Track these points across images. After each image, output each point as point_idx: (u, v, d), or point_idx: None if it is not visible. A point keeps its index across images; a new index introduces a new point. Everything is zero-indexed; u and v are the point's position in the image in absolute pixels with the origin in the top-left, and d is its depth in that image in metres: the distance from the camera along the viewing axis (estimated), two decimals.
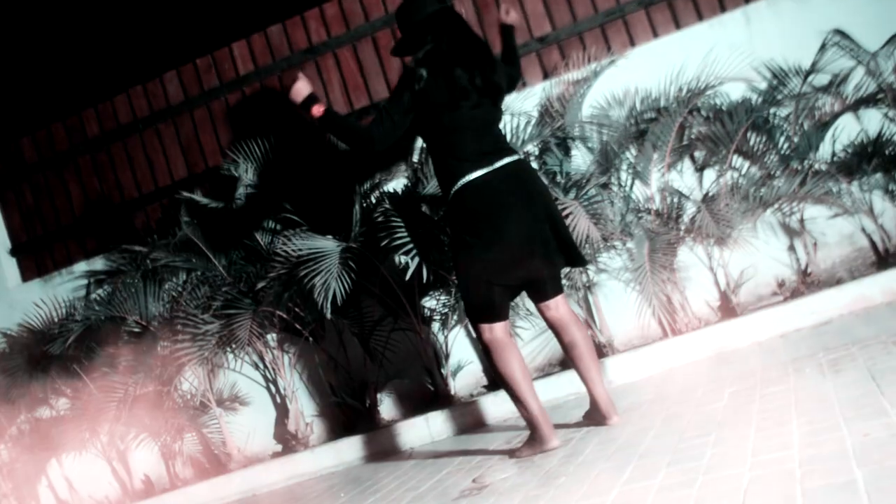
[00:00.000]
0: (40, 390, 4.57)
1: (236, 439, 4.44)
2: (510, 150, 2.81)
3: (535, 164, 4.02)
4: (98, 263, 4.79)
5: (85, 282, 4.77)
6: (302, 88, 2.82)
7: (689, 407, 2.72)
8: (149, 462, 4.61)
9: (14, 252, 5.05)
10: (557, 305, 2.85)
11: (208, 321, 4.12)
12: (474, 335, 2.88)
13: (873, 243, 3.84)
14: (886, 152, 3.74)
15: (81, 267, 4.84)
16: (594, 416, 2.91)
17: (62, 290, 4.80)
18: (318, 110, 2.77)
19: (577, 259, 2.85)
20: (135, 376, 4.29)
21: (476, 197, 2.72)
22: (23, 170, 5.00)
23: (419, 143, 4.04)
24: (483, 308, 2.77)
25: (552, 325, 2.88)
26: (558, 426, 3.03)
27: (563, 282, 3.25)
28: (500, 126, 2.90)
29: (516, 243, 2.71)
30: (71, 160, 4.93)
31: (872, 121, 3.84)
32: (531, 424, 2.77)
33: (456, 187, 2.74)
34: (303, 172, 4.15)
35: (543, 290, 2.84)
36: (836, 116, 3.83)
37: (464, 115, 2.76)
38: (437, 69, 2.76)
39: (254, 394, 4.50)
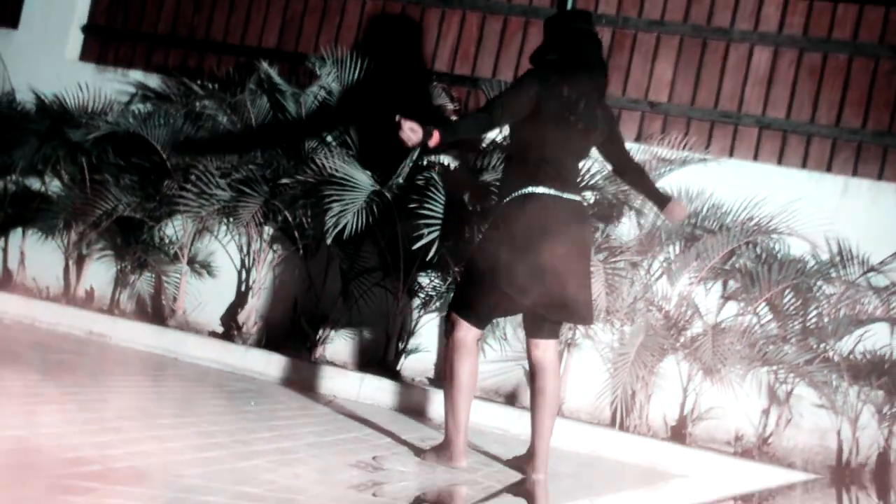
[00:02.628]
0: (42, 163, 4.59)
1: (187, 301, 4.45)
2: (580, 191, 2.85)
3: None
4: (153, 81, 4.78)
5: (133, 91, 4.77)
6: (412, 136, 2.63)
7: (602, 498, 2.71)
8: (100, 279, 4.64)
9: (86, 30, 5.05)
10: (547, 348, 2.84)
11: (221, 187, 4.12)
12: (447, 327, 2.86)
13: (840, 450, 3.81)
14: None
15: (137, 76, 4.84)
16: (521, 463, 2.90)
17: (110, 86, 4.79)
18: (435, 140, 2.65)
19: (587, 317, 2.85)
20: (130, 198, 4.30)
21: (535, 209, 2.72)
22: None
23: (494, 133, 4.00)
24: (473, 306, 2.76)
25: (532, 364, 2.86)
26: (478, 452, 3.03)
27: None
28: (581, 164, 2.90)
29: (545, 269, 2.69)
30: None
31: None
32: (449, 435, 2.77)
33: (521, 192, 2.74)
34: (379, 107, 4.11)
35: (542, 327, 2.83)
36: (873, 320, 3.78)
37: (562, 133, 2.77)
38: (557, 81, 2.76)
39: (224, 271, 4.51)
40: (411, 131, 2.61)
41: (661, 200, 3.03)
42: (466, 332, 2.76)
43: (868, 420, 3.78)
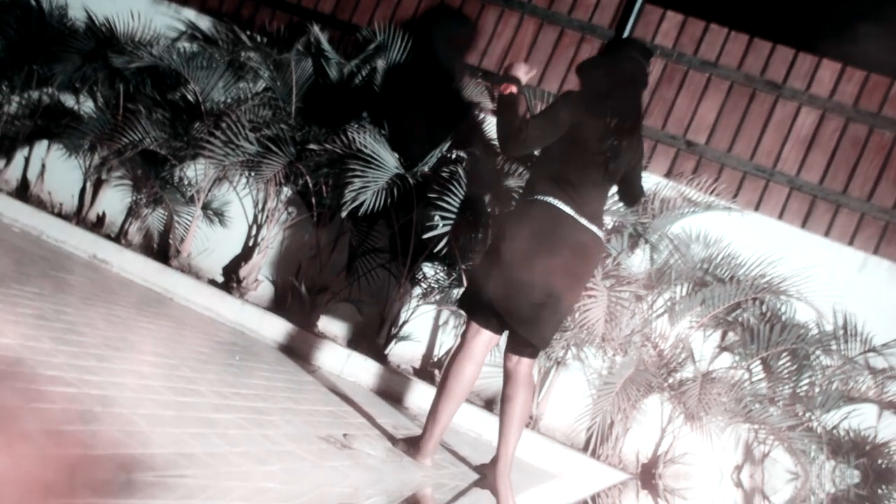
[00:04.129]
0: (80, 81, 4.62)
1: (194, 245, 4.47)
2: (600, 224, 2.80)
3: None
4: (204, 22, 4.79)
5: (182, 29, 4.78)
6: (520, 70, 2.87)
7: None
8: (114, 206, 4.67)
9: None
10: (520, 362, 2.81)
11: (250, 140, 4.13)
12: (464, 327, 2.84)
13: None
14: (879, 461, 3.68)
15: (189, 15, 4.85)
16: (486, 470, 2.90)
17: (160, 20, 4.81)
18: (505, 87, 2.80)
19: (542, 341, 2.76)
20: (158, 133, 4.32)
21: (545, 220, 2.68)
22: None
23: None
24: (476, 306, 2.75)
25: (505, 373, 2.85)
26: (448, 451, 3.03)
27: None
28: (602, 195, 2.86)
29: (528, 282, 2.66)
30: None
31: (890, 428, 3.76)
32: (426, 430, 2.77)
33: (538, 198, 2.72)
34: (419, 92, 4.11)
35: (519, 343, 2.81)
36: (863, 400, 3.76)
37: (586, 160, 2.74)
38: (590, 110, 2.74)
39: (236, 223, 4.53)
40: (522, 71, 2.84)
41: None
42: (476, 334, 2.74)
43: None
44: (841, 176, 4.07)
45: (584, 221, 2.71)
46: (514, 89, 2.81)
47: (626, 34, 4.23)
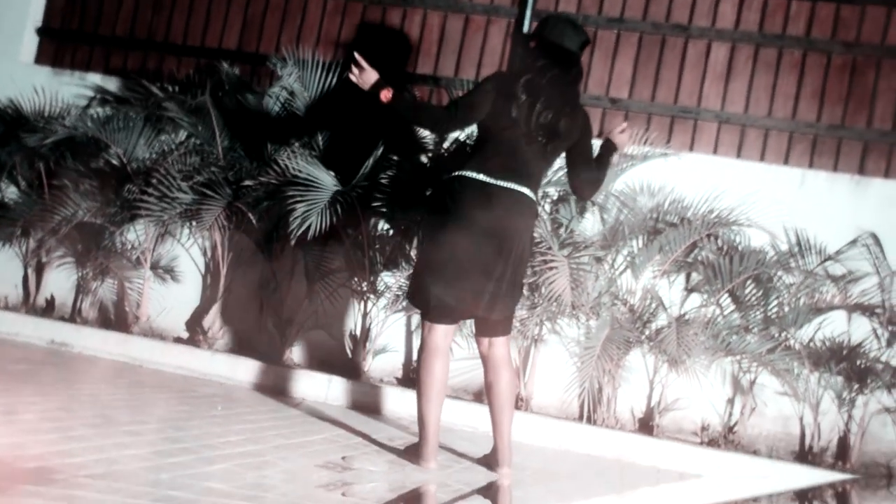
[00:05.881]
0: None
1: (151, 307, 4.39)
2: (526, 184, 2.75)
3: (546, 208, 4.01)
4: (111, 84, 4.71)
5: (91, 94, 4.69)
6: (369, 76, 2.83)
7: (569, 495, 2.73)
8: (61, 287, 4.56)
9: (41, 32, 4.95)
10: (494, 344, 2.81)
11: (183, 190, 4.07)
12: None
13: (803, 435, 3.89)
14: (857, 362, 3.79)
15: (95, 79, 4.76)
16: (488, 460, 2.92)
17: (66, 90, 4.71)
18: (386, 95, 2.78)
19: (504, 309, 2.77)
20: (90, 203, 4.23)
21: (458, 194, 2.68)
22: None
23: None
24: (428, 305, 2.74)
25: (483, 360, 2.86)
26: (447, 450, 3.03)
27: (517, 327, 3.25)
28: (542, 167, 2.87)
29: (466, 264, 2.66)
30: None
31: (861, 329, 3.88)
32: (421, 436, 2.77)
33: (451, 175, 2.74)
34: (341, 107, 4.11)
35: (485, 323, 2.81)
36: (831, 308, 3.86)
37: (515, 136, 2.75)
38: (525, 91, 2.74)
39: (188, 275, 4.46)
40: (362, 75, 2.80)
41: (607, 146, 3.05)
42: (430, 331, 2.73)
43: (829, 406, 3.86)
44: (763, 101, 4.18)
45: (501, 183, 2.69)
46: (388, 92, 2.78)
47: (527, 9, 4.27)
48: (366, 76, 2.83)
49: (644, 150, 4.08)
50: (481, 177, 2.69)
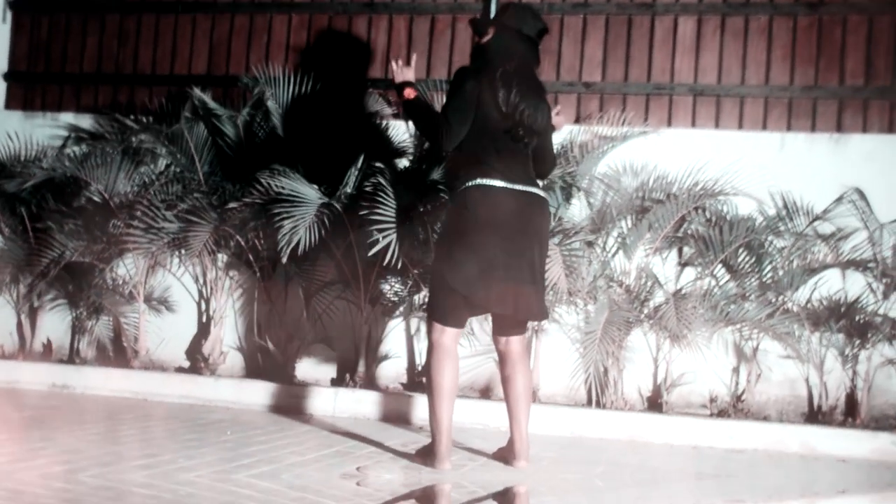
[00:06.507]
0: None
1: (149, 340, 4.37)
2: (537, 184, 2.83)
3: None
4: (85, 122, 4.69)
5: (66, 134, 4.67)
6: (407, 73, 2.96)
7: (585, 481, 2.74)
8: (56, 329, 4.53)
9: (8, 77, 4.93)
10: (509, 342, 2.86)
11: (168, 219, 4.05)
12: (426, 329, 2.87)
13: (811, 396, 3.91)
14: (856, 318, 3.81)
15: (68, 118, 4.74)
16: (505, 454, 2.92)
17: (40, 132, 4.69)
18: (409, 93, 2.88)
19: (539, 313, 2.86)
20: (76, 242, 4.21)
21: (482, 202, 2.71)
22: (48, 4, 4.89)
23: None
24: (441, 307, 2.76)
25: (499, 354, 2.90)
26: (460, 449, 3.03)
27: None
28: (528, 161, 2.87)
29: (495, 266, 2.70)
30: (99, 13, 4.82)
31: (856, 285, 3.90)
32: (434, 438, 2.77)
33: (468, 185, 2.73)
34: (317, 119, 4.11)
35: (505, 324, 2.85)
36: (825, 267, 3.89)
37: (498, 131, 2.76)
38: (493, 83, 2.74)
39: (183, 304, 4.44)
40: (409, 73, 2.94)
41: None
42: (442, 333, 2.75)
43: (833, 364, 3.88)
44: (735, 70, 4.20)
45: (518, 187, 2.74)
46: (412, 92, 2.88)
47: (491, 3, 4.28)
48: (405, 72, 2.96)
49: (623, 131, 4.09)
50: (502, 183, 2.71)
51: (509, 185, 2.72)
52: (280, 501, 2.22)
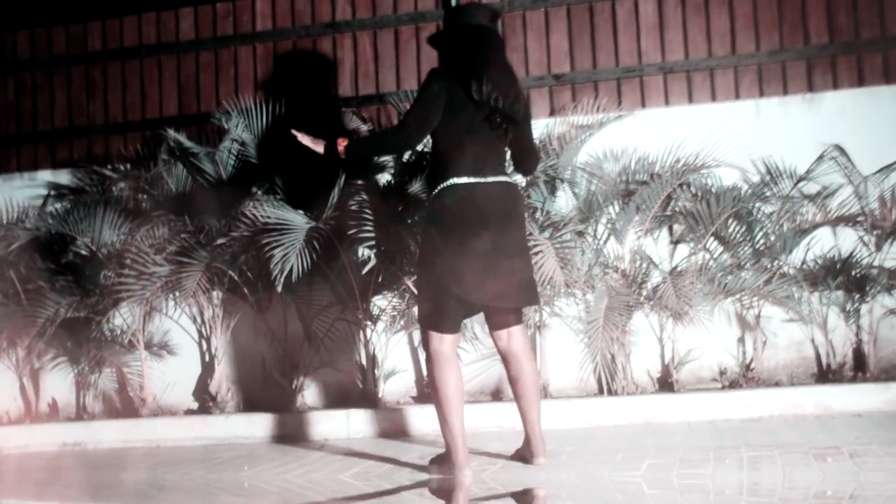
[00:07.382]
0: None
1: (155, 386, 4.35)
2: (505, 172, 2.85)
3: None
4: (63, 177, 4.68)
5: (45, 192, 4.65)
6: (315, 140, 2.96)
7: (607, 469, 2.73)
8: (60, 388, 4.50)
9: None
10: (510, 336, 2.84)
11: (159, 263, 4.04)
12: (421, 341, 2.86)
13: (818, 356, 3.92)
14: (853, 273, 3.82)
15: (45, 176, 4.72)
16: (523, 453, 2.91)
17: (19, 193, 4.67)
18: (340, 142, 2.88)
19: (531, 298, 2.85)
20: (69, 298, 4.19)
21: (458, 200, 2.72)
22: (12, 64, 4.88)
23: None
24: (435, 315, 2.75)
25: (502, 355, 2.88)
26: (477, 454, 3.02)
27: None
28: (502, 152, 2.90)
29: (482, 261, 2.70)
30: (64, 67, 4.81)
31: (848, 240, 3.92)
32: (447, 446, 2.76)
33: (442, 185, 2.75)
34: (295, 145, 4.11)
35: (500, 316, 2.84)
36: (815, 227, 3.90)
37: (474, 124, 2.77)
38: (462, 76, 2.75)
39: (184, 346, 4.42)
40: (312, 142, 2.93)
41: None
42: (440, 342, 2.74)
43: (836, 321, 3.89)
44: (700, 44, 4.22)
45: (489, 179, 2.76)
46: (342, 141, 2.88)
47: (453, 2, 4.29)
48: (314, 141, 2.95)
49: (598, 118, 4.10)
50: (471, 179, 2.73)
51: (480, 180, 2.74)
52: None
